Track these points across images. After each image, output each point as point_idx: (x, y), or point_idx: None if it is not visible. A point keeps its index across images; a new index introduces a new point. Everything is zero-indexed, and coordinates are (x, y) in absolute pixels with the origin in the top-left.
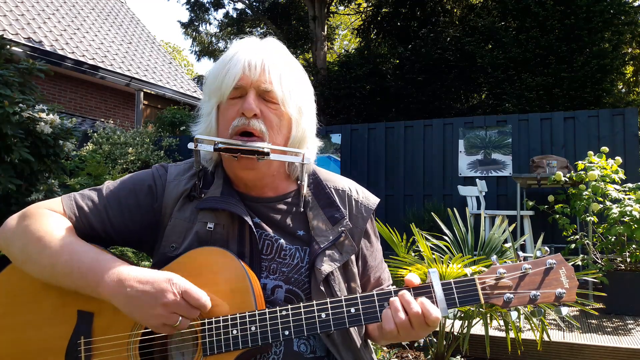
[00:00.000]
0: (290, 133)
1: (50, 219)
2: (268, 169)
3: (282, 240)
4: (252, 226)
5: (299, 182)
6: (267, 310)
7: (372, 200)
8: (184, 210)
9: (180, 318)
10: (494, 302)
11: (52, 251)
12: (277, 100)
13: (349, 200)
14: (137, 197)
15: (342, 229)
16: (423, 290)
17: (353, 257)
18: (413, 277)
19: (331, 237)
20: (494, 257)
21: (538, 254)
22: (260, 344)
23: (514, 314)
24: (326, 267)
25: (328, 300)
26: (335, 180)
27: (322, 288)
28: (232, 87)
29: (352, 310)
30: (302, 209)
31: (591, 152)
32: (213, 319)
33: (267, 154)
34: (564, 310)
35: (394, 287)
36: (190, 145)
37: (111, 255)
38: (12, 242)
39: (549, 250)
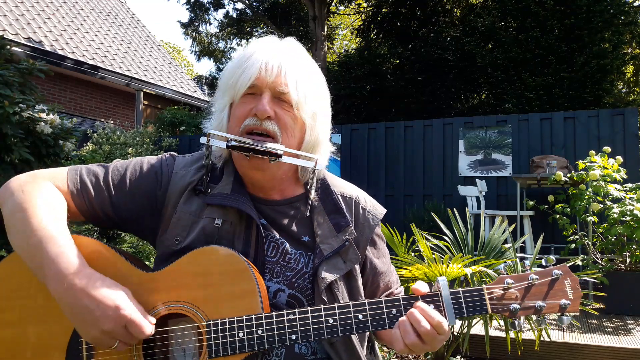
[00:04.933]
0: (304, 138)
1: (47, 193)
2: (278, 170)
3: (287, 244)
4: (260, 226)
5: (307, 186)
6: (274, 313)
7: (380, 210)
8: (190, 204)
9: (118, 342)
10: (501, 313)
11: (30, 228)
12: (292, 103)
13: (357, 207)
14: (142, 180)
15: (347, 237)
16: (431, 299)
17: (357, 266)
18: (421, 285)
19: (335, 245)
20: (502, 266)
21: (544, 263)
22: (267, 348)
23: (517, 324)
24: (329, 275)
25: (336, 305)
26: (344, 186)
27: (324, 297)
28: (246, 86)
29: (360, 316)
30: (308, 214)
31: (593, 152)
32: (219, 321)
33: (280, 155)
34: (566, 320)
35: (402, 288)
36: (203, 140)
37: (80, 254)
38: (6, 201)
39: (555, 259)
